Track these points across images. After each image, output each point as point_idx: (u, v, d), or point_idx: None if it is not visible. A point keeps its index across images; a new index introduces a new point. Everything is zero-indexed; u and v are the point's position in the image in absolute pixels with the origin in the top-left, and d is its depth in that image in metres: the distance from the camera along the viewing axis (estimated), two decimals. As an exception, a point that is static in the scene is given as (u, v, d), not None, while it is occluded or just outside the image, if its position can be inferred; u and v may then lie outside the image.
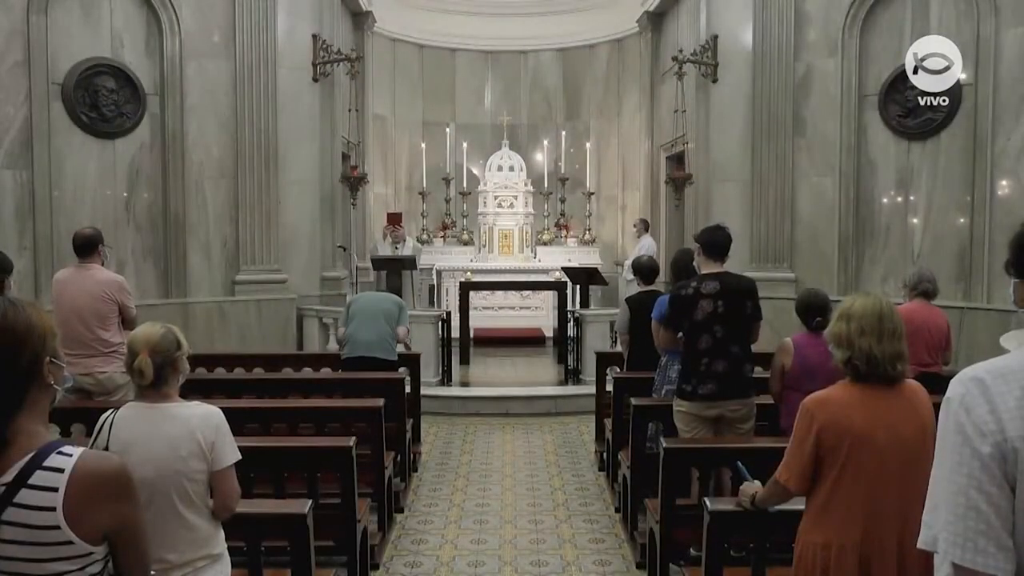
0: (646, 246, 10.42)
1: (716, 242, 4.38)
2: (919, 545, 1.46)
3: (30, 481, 1.49)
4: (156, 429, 2.49)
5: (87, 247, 5.12)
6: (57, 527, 1.49)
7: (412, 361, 6.61)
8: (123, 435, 2.50)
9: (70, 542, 1.50)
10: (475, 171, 13.41)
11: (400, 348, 6.27)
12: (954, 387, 1.42)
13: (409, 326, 6.28)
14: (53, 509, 1.48)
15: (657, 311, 4.85)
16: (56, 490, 1.49)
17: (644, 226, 11.17)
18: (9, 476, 1.50)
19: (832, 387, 2.53)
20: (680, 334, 4.39)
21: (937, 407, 1.60)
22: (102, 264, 5.21)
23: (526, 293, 11.95)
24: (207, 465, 2.49)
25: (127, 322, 5.13)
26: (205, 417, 2.53)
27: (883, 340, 2.44)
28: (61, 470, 1.51)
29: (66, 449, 1.55)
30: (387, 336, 6.03)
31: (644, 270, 5.87)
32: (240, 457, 2.58)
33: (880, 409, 2.43)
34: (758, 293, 4.39)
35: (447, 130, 13.41)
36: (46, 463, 1.51)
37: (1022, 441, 1.32)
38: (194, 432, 2.48)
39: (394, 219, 10.98)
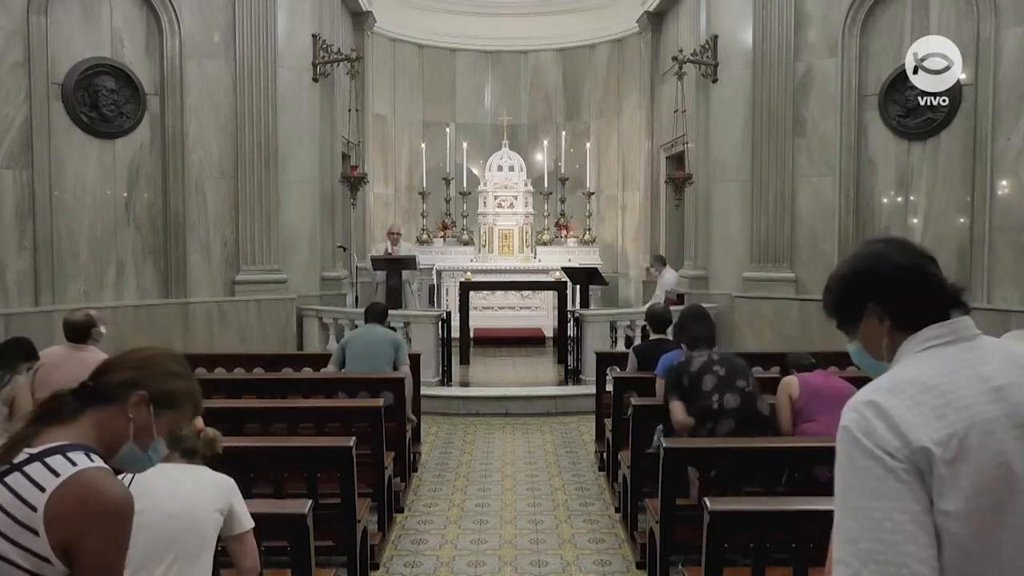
0: (670, 280, 9.92)
1: (699, 336, 4.46)
2: None
3: (26, 469, 1.46)
4: (175, 486, 2.46)
5: (79, 333, 4.81)
6: (35, 532, 1.44)
7: (412, 361, 6.59)
8: (141, 488, 2.47)
9: (40, 554, 1.44)
10: (475, 171, 13.41)
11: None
12: (847, 415, 1.35)
13: (408, 365, 6.03)
14: (35, 510, 1.44)
15: (661, 368, 4.80)
16: (44, 491, 1.45)
17: (661, 262, 10.36)
18: (17, 459, 1.48)
19: None
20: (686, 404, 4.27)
21: None
22: (96, 343, 4.87)
23: (526, 293, 11.95)
24: (218, 528, 2.45)
25: None
26: (220, 483, 2.52)
27: None
28: (57, 474, 1.46)
29: (74, 456, 1.50)
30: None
31: (655, 319, 5.78)
32: (254, 524, 2.54)
33: None
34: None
35: (447, 130, 13.42)
36: (48, 459, 1.47)
37: (929, 441, 1.26)
38: (209, 494, 2.46)
39: (394, 238, 10.93)
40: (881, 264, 1.48)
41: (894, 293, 1.45)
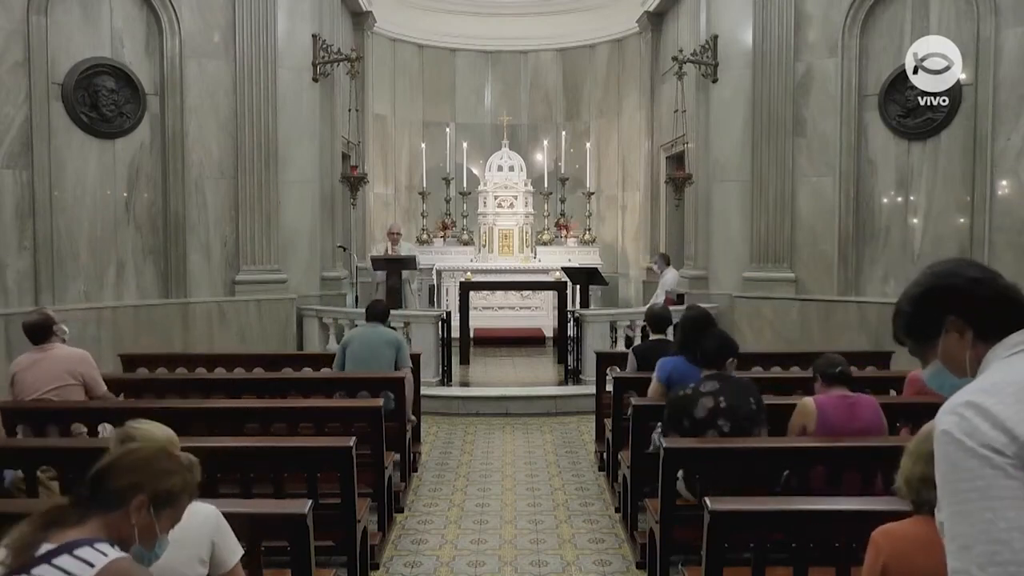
0: (671, 280, 9.91)
1: (709, 351, 4.24)
2: None
3: (55, 561, 1.49)
4: None
5: (39, 333, 4.77)
6: None
7: (412, 361, 6.59)
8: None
9: None
10: (475, 171, 13.41)
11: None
12: (946, 418, 1.31)
13: (410, 366, 6.00)
14: None
15: (660, 371, 4.77)
16: None
17: (665, 261, 10.28)
18: (38, 552, 1.51)
19: (906, 520, 2.27)
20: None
21: None
22: (63, 342, 4.88)
23: (526, 293, 11.95)
24: (206, 568, 2.33)
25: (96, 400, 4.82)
26: (202, 523, 2.35)
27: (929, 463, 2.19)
28: (91, 564, 1.50)
29: (101, 547, 1.54)
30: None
31: (655, 319, 5.73)
32: (243, 551, 2.44)
33: None
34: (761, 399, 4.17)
35: (447, 130, 13.42)
36: (76, 551, 1.51)
37: None
38: (195, 532, 2.30)
39: (394, 238, 10.93)
40: (953, 278, 1.50)
41: (973, 303, 1.47)
